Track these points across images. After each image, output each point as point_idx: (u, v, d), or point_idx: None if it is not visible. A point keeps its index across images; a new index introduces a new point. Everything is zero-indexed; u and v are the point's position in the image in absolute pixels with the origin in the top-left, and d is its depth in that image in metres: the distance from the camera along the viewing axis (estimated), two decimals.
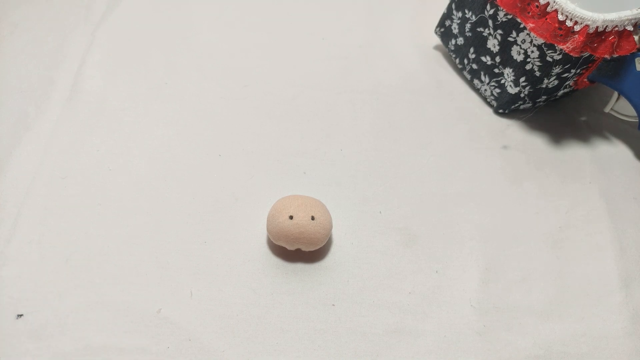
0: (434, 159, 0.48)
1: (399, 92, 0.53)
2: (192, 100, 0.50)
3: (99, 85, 0.51)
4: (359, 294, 0.39)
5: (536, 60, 0.45)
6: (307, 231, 0.38)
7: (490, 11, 0.47)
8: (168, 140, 0.47)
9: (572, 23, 0.40)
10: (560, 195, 0.46)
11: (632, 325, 0.39)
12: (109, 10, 0.57)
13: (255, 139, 0.48)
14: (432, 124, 0.50)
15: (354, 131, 0.49)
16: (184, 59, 0.54)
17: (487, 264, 0.41)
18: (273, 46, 0.56)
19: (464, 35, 0.51)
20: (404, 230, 0.43)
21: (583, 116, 0.52)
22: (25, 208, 0.42)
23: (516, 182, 0.47)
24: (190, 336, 0.36)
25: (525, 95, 0.48)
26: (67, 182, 0.43)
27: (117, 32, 0.55)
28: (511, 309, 0.39)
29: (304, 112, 0.50)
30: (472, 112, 0.52)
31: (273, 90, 0.52)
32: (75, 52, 0.53)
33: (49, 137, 0.46)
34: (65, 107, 0.48)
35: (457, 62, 0.54)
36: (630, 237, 0.43)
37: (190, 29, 0.56)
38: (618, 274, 0.41)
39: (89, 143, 0.46)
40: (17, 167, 0.44)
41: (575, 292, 0.40)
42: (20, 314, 0.37)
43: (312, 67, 0.54)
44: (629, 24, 0.40)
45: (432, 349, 0.37)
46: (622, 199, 0.46)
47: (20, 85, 0.50)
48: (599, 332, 0.38)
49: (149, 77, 0.52)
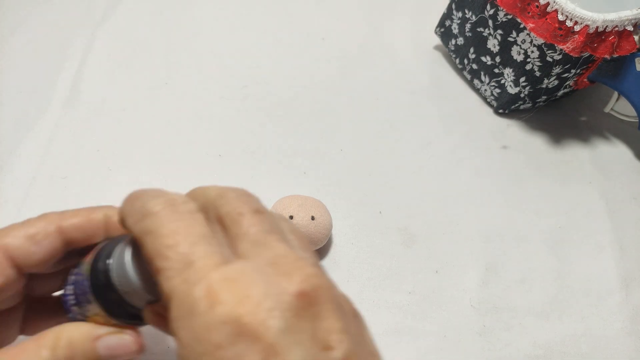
0: (434, 159, 0.48)
1: (399, 92, 0.53)
2: (192, 100, 0.50)
3: (99, 85, 0.51)
4: (359, 294, 0.39)
5: (536, 60, 0.45)
6: (307, 231, 0.38)
7: (490, 11, 0.47)
8: (168, 140, 0.47)
9: (572, 23, 0.40)
10: (560, 195, 0.46)
11: (632, 325, 0.39)
12: (109, 10, 0.57)
13: (255, 139, 0.48)
14: (432, 124, 0.50)
15: (354, 131, 0.49)
16: (184, 59, 0.54)
17: (487, 264, 0.41)
18: (273, 46, 0.56)
19: (464, 35, 0.51)
20: (404, 230, 0.43)
21: (583, 116, 0.52)
22: (25, 208, 0.41)
23: (516, 182, 0.47)
24: None
25: (525, 95, 0.48)
26: (67, 182, 0.43)
27: (117, 32, 0.55)
28: (511, 309, 0.39)
29: (304, 112, 0.50)
30: (472, 112, 0.52)
31: (273, 90, 0.52)
32: (75, 52, 0.53)
33: (49, 137, 0.46)
34: (65, 107, 0.48)
35: (457, 62, 0.54)
36: (630, 237, 0.43)
37: (190, 29, 0.56)
38: (618, 274, 0.41)
39: (89, 143, 0.46)
40: (17, 167, 0.44)
41: (575, 292, 0.40)
42: None
43: (312, 67, 0.54)
44: (629, 24, 0.40)
45: (432, 349, 0.37)
46: (622, 199, 0.46)
47: (20, 86, 0.50)
48: (599, 332, 0.38)
49: (149, 77, 0.52)
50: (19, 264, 0.24)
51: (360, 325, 0.21)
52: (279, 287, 0.18)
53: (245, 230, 0.20)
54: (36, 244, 0.24)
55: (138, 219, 0.20)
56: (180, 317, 0.18)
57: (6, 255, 0.24)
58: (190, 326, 0.17)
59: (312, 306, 0.18)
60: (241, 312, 0.17)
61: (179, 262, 0.18)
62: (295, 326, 0.17)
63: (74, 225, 0.25)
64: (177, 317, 0.18)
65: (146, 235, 0.19)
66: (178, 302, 0.18)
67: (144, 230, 0.20)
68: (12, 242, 0.24)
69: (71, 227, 0.25)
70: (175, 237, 0.19)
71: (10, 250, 0.24)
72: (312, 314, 0.18)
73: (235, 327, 0.17)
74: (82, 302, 0.25)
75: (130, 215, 0.21)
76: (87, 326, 0.24)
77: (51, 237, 0.25)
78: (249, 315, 0.17)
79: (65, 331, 0.24)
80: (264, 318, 0.17)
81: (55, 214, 0.25)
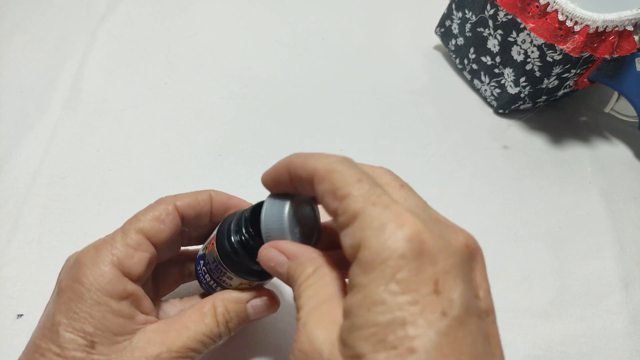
0: (434, 159, 0.48)
1: (399, 92, 0.53)
2: (192, 100, 0.50)
3: (99, 85, 0.51)
4: None
5: (536, 60, 0.45)
6: None
7: (491, 11, 0.47)
8: (168, 140, 0.47)
9: (572, 23, 0.40)
10: (560, 195, 0.46)
11: (632, 325, 0.39)
12: (109, 10, 0.57)
13: (255, 139, 0.48)
14: (432, 124, 0.50)
15: (354, 131, 0.49)
16: (184, 59, 0.54)
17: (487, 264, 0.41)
18: (273, 46, 0.56)
19: (464, 35, 0.51)
20: None
21: (583, 116, 0.52)
22: (25, 208, 0.42)
23: (516, 182, 0.47)
24: None
25: (525, 95, 0.48)
26: (67, 182, 0.43)
27: (117, 32, 0.55)
28: (511, 309, 0.39)
29: (304, 112, 0.50)
30: (472, 112, 0.52)
31: (273, 90, 0.52)
32: (75, 52, 0.53)
33: (49, 137, 0.46)
34: (65, 107, 0.48)
35: (457, 62, 0.54)
36: (630, 237, 0.43)
37: (190, 29, 0.56)
38: (618, 274, 0.41)
39: (89, 143, 0.46)
40: (17, 167, 0.44)
41: (575, 292, 0.40)
42: (20, 314, 0.37)
43: (312, 67, 0.54)
44: (629, 24, 0.40)
45: None
46: (622, 199, 0.46)
47: (20, 85, 0.50)
48: (599, 332, 0.38)
49: (149, 77, 0.52)
50: (153, 242, 0.29)
51: None
52: (449, 235, 0.22)
53: (399, 197, 0.24)
54: (162, 222, 0.29)
55: (327, 163, 0.24)
56: (369, 229, 0.21)
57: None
58: (380, 236, 0.21)
59: (471, 260, 0.23)
60: (424, 238, 0.21)
61: (366, 191, 0.22)
62: (461, 267, 0.21)
63: (187, 204, 0.30)
64: (365, 229, 0.21)
65: (333, 172, 0.23)
66: (368, 219, 0.21)
67: (332, 169, 0.23)
68: (145, 225, 0.29)
69: (184, 205, 0.30)
70: (359, 175, 0.23)
71: (145, 231, 0.29)
72: (470, 266, 0.23)
73: (418, 246, 0.20)
74: (215, 274, 0.30)
75: (319, 160, 0.24)
76: (235, 293, 0.30)
77: (172, 215, 0.30)
78: (431, 242, 0.21)
79: (220, 299, 0.30)
80: (441, 249, 0.21)
81: (170, 197, 0.31)
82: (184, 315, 0.29)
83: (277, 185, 0.28)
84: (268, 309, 0.31)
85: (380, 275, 0.20)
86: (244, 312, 0.30)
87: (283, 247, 0.26)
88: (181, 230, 0.31)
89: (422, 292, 0.20)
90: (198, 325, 0.29)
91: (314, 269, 0.25)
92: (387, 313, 0.20)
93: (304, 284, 0.24)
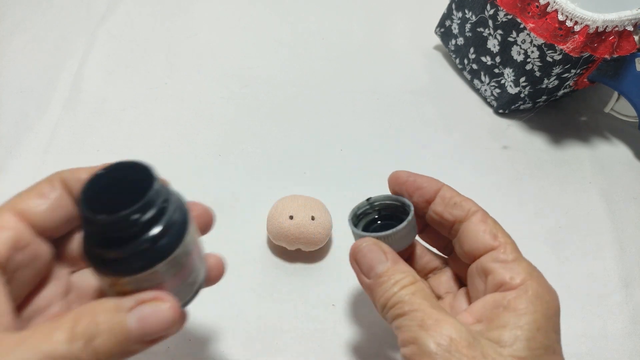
0: (434, 159, 0.48)
1: (399, 92, 0.53)
2: (192, 100, 0.50)
3: (99, 85, 0.51)
4: (359, 294, 0.39)
5: (536, 60, 0.45)
6: (307, 231, 0.38)
7: (491, 11, 0.47)
8: (168, 140, 0.47)
9: (572, 23, 0.40)
10: (560, 195, 0.46)
11: (632, 325, 0.39)
12: (109, 10, 0.57)
13: (255, 139, 0.48)
14: (432, 124, 0.50)
15: (354, 131, 0.49)
16: (184, 59, 0.54)
17: None
18: (273, 46, 0.56)
19: (464, 35, 0.51)
20: None
21: (583, 116, 0.52)
22: None
23: (516, 182, 0.47)
24: (190, 336, 0.36)
25: (525, 95, 0.48)
26: None
27: (117, 32, 0.55)
28: None
29: (304, 112, 0.50)
30: (472, 112, 0.52)
31: (273, 90, 0.52)
32: (75, 52, 0.53)
33: (49, 137, 0.46)
34: (65, 107, 0.48)
35: (457, 62, 0.54)
36: (630, 237, 0.43)
37: (190, 29, 0.56)
38: (618, 274, 0.41)
39: (89, 143, 0.46)
40: (17, 167, 0.44)
41: (575, 292, 0.40)
42: None
43: (312, 67, 0.54)
44: (629, 24, 0.40)
45: None
46: (622, 199, 0.46)
47: (20, 85, 0.50)
48: (599, 332, 0.38)
49: (149, 77, 0.52)
50: (30, 219, 0.23)
51: None
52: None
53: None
54: (42, 196, 0.24)
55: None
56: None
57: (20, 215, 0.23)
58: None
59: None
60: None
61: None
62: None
63: (76, 176, 0.26)
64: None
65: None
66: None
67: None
68: (19, 201, 0.24)
69: (73, 178, 0.26)
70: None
71: (18, 207, 0.23)
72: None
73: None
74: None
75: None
76: (113, 299, 0.21)
77: (56, 188, 0.25)
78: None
79: (90, 307, 0.21)
80: None
81: (58, 172, 0.26)
82: (35, 326, 0.22)
83: (400, 190, 0.34)
84: (166, 321, 0.21)
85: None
86: (122, 326, 0.21)
87: (386, 249, 0.29)
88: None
89: None
90: (39, 342, 0.19)
91: (415, 278, 0.27)
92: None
93: (412, 286, 0.27)
